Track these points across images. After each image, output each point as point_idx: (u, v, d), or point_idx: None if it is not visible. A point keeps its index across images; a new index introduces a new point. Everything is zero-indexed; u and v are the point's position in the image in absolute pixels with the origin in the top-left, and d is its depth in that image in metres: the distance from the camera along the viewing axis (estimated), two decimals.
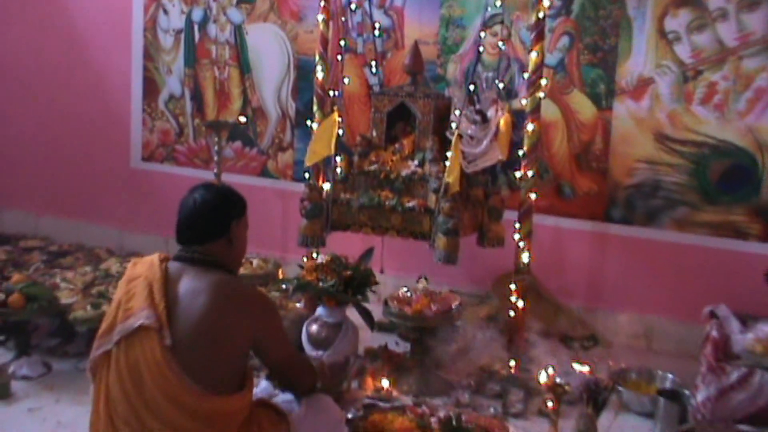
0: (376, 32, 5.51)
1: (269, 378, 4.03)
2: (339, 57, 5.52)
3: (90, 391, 3.30)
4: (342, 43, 5.53)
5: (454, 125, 4.72)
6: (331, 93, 5.42)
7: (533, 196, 4.89)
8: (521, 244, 4.88)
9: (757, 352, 4.04)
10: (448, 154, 4.50)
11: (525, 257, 4.90)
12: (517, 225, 4.89)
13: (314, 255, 5.17)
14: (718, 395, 3.89)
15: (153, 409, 3.03)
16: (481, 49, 5.20)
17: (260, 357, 3.34)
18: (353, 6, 5.59)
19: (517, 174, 4.91)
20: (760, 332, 4.13)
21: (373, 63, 5.47)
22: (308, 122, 5.54)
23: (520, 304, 4.91)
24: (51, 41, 6.81)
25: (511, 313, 4.94)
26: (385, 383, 4.41)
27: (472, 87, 5.00)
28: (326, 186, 4.90)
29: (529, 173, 4.86)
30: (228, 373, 3.15)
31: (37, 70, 6.90)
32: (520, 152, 4.87)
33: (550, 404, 3.79)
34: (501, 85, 5.26)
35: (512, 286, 4.92)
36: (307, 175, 5.26)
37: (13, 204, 7.12)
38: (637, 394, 4.41)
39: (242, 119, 6.05)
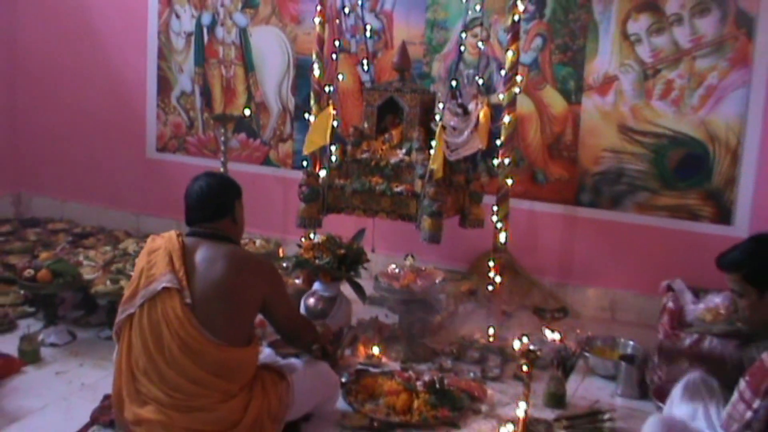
0: (368, 33, 5.51)
1: (272, 346, 4.09)
2: (334, 56, 5.51)
3: (113, 355, 3.39)
4: (337, 43, 5.53)
5: (438, 117, 4.72)
6: (327, 89, 5.42)
7: (510, 181, 4.90)
8: (499, 225, 4.90)
9: (707, 320, 4.07)
10: (433, 143, 4.50)
11: (502, 237, 4.92)
12: (495, 208, 4.91)
13: (311, 235, 5.19)
14: None
15: (170, 361, 3.17)
16: (462, 48, 5.21)
17: (268, 315, 3.50)
18: (347, 10, 5.59)
19: (495, 162, 4.93)
20: (710, 303, 4.17)
21: (365, 61, 5.47)
22: (306, 115, 5.54)
23: (498, 279, 4.94)
24: (75, 45, 6.79)
25: (490, 288, 4.98)
26: (375, 351, 4.44)
27: (454, 83, 5.01)
28: (322, 173, 4.89)
29: (506, 161, 4.87)
30: (239, 329, 3.32)
31: (63, 71, 6.88)
32: (498, 142, 4.88)
33: (524, 369, 3.79)
34: (480, 81, 5.26)
35: (491, 264, 4.95)
36: (305, 163, 5.27)
37: (42, 191, 7.11)
38: (601, 359, 4.44)
39: (246, 112, 6.05)
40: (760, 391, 2.76)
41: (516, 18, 4.76)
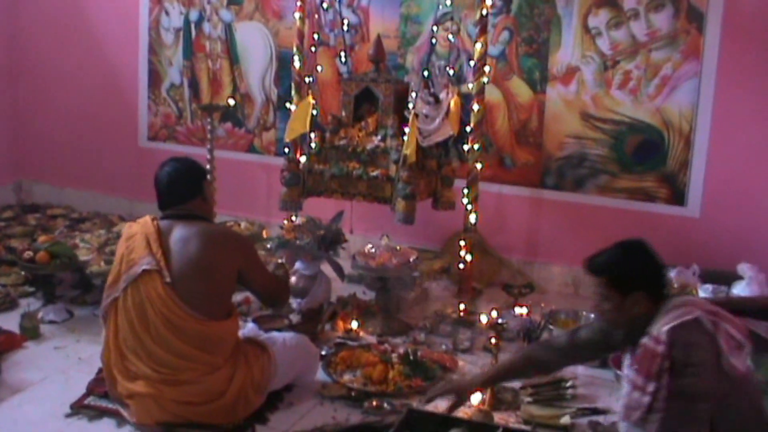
0: (345, 28, 5.46)
1: (256, 321, 4.06)
2: (313, 49, 5.49)
3: (102, 333, 3.37)
4: (316, 37, 5.50)
5: (411, 106, 4.70)
6: (307, 80, 5.39)
7: (479, 166, 4.91)
8: (469, 207, 4.90)
9: None
10: (407, 130, 4.49)
11: (472, 218, 4.92)
12: (466, 191, 4.91)
13: (293, 217, 5.16)
14: None
15: (156, 338, 3.16)
16: (434, 41, 5.17)
17: (246, 283, 3.52)
18: (325, 5, 5.53)
19: (466, 147, 4.92)
20: None
21: (343, 54, 5.42)
22: (288, 105, 5.51)
23: (468, 258, 4.94)
24: (72, 41, 6.70)
25: (461, 266, 4.97)
26: (353, 325, 4.43)
27: (426, 73, 4.98)
28: (303, 158, 4.86)
29: (476, 147, 4.87)
30: (218, 302, 3.32)
31: (61, 66, 6.78)
32: (468, 128, 4.88)
33: (492, 341, 3.80)
34: (451, 72, 5.22)
35: (461, 243, 4.94)
36: (286, 150, 5.23)
37: (42, 178, 7.03)
38: (565, 331, 4.43)
39: (231, 102, 5.99)
40: (652, 374, 2.69)
41: (484, 12, 4.76)
